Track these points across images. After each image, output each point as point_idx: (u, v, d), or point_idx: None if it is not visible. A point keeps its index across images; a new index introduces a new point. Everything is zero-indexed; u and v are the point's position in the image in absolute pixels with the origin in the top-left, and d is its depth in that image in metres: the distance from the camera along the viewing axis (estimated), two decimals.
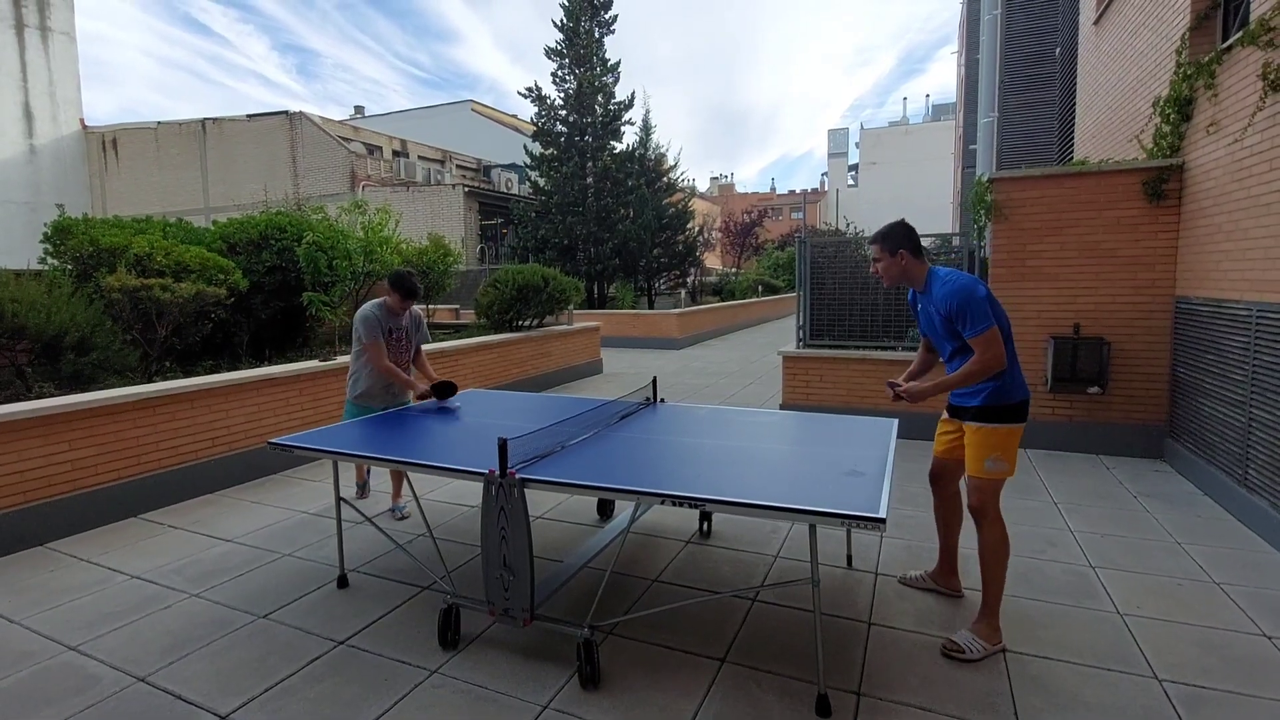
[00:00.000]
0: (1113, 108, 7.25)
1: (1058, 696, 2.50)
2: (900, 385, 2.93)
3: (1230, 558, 3.67)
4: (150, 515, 4.63)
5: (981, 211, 6.02)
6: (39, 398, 4.72)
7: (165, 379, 5.66)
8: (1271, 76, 3.92)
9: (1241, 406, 4.22)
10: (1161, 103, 5.54)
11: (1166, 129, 5.45)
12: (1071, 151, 9.66)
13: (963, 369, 2.78)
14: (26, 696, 2.62)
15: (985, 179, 6.02)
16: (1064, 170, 5.73)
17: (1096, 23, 7.91)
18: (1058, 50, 11.68)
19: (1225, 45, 4.61)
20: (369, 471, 5.01)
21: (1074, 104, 9.48)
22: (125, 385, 5.15)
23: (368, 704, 2.53)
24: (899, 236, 2.94)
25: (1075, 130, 9.35)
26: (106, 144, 25.95)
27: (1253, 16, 4.25)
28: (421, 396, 4.23)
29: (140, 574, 3.70)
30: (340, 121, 27.86)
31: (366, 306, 4.20)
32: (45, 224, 6.93)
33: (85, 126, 25.93)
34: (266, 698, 2.58)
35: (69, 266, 6.62)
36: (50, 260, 6.75)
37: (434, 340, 8.72)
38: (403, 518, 4.47)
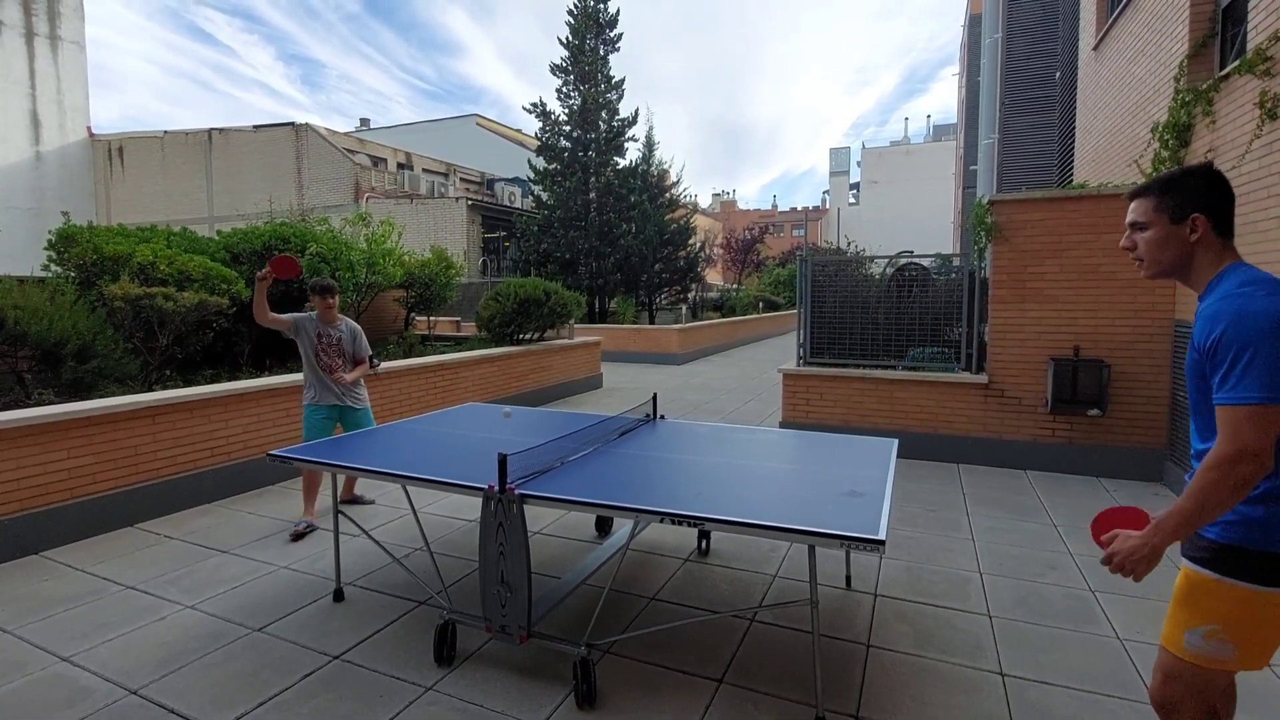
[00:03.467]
0: (1112, 132, 7.32)
1: None
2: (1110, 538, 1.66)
3: None
4: (146, 525, 4.61)
5: (982, 233, 6.06)
6: (38, 405, 4.72)
7: (165, 388, 5.66)
8: (1268, 105, 3.97)
9: None
10: (1160, 128, 5.59)
11: (1165, 154, 5.50)
12: (1071, 174, 9.74)
13: (1197, 477, 1.53)
14: (17, 708, 2.59)
15: (986, 200, 6.07)
16: (1064, 193, 5.77)
17: (1096, 48, 8.01)
18: (1058, 74, 11.81)
19: (1223, 73, 4.66)
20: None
21: (1074, 127, 9.57)
22: (125, 393, 5.15)
23: None
24: (1192, 190, 1.67)
25: (1075, 153, 9.43)
26: (112, 152, 26.11)
27: (1250, 46, 4.31)
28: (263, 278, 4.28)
29: (135, 584, 3.68)
30: (346, 133, 28.06)
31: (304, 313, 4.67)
32: (49, 231, 6.96)
33: (92, 134, 26.11)
34: (260, 712, 2.56)
35: (72, 274, 6.63)
36: (54, 267, 6.76)
37: (435, 351, 8.73)
38: (299, 535, 4.37)
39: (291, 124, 23.59)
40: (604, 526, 4.52)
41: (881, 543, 2.09)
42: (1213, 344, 1.55)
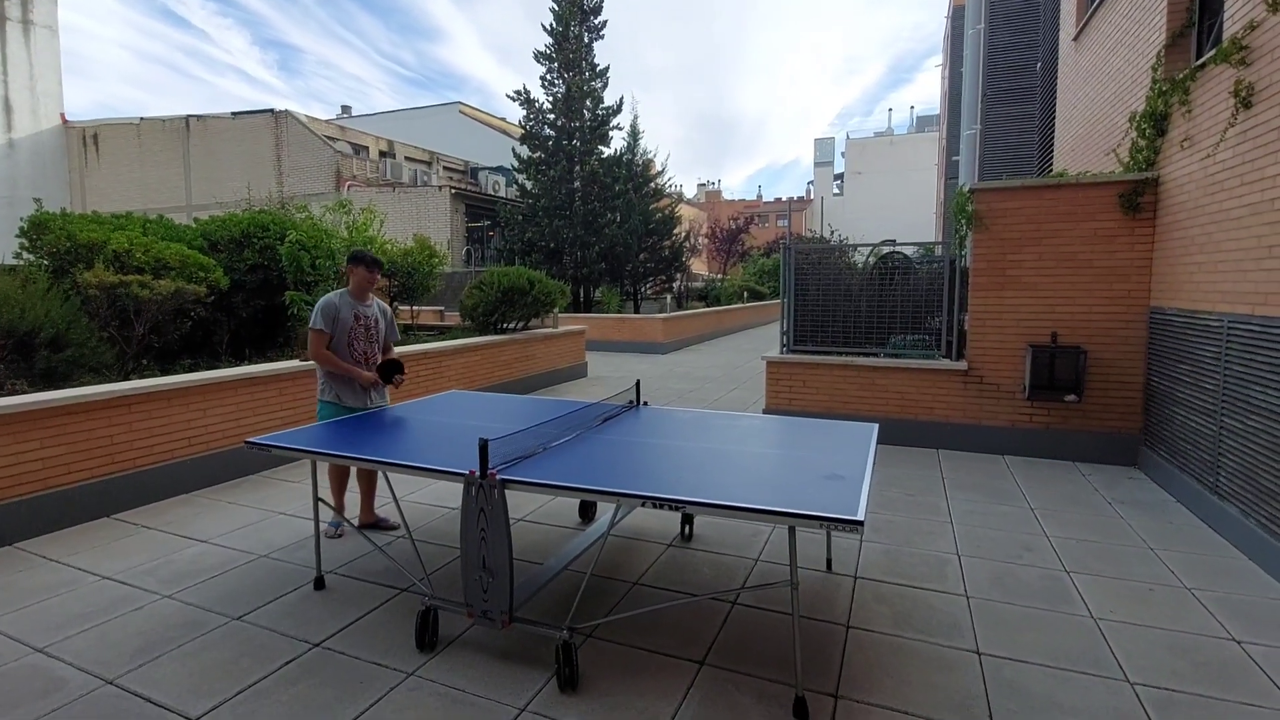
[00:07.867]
0: (1091, 122, 7.39)
1: (1032, 699, 2.53)
2: None
3: (1201, 563, 3.73)
4: (123, 515, 4.55)
5: (963, 221, 6.10)
6: (10, 395, 4.62)
7: (142, 377, 5.58)
8: (1243, 94, 4.02)
9: (1213, 415, 4.31)
10: (1138, 118, 5.65)
11: (1142, 143, 5.56)
12: (1052, 164, 9.82)
13: None
14: None
15: (967, 189, 6.11)
16: (1043, 182, 5.82)
17: (1076, 39, 8.07)
18: (1039, 65, 11.88)
19: (1199, 63, 4.72)
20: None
21: (1054, 118, 9.65)
22: (100, 383, 5.06)
23: (342, 707, 2.50)
24: None
25: (1055, 143, 9.51)
26: (87, 139, 25.58)
27: (1225, 35, 4.36)
28: (371, 382, 4.09)
29: (111, 575, 3.64)
30: (326, 121, 27.65)
31: (328, 295, 4.11)
32: (21, 218, 6.81)
33: (66, 121, 25.54)
34: (238, 700, 2.54)
35: (45, 262, 6.50)
36: (26, 255, 6.63)
37: (418, 341, 8.66)
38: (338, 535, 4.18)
39: (271, 111, 23.23)
40: (587, 514, 4.52)
41: (860, 523, 2.11)
42: None
